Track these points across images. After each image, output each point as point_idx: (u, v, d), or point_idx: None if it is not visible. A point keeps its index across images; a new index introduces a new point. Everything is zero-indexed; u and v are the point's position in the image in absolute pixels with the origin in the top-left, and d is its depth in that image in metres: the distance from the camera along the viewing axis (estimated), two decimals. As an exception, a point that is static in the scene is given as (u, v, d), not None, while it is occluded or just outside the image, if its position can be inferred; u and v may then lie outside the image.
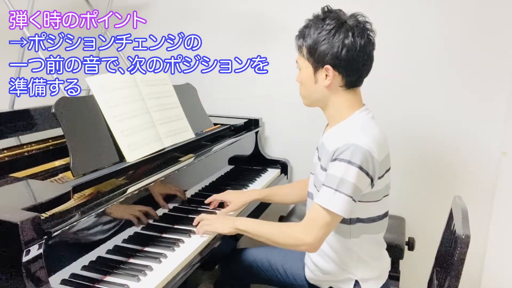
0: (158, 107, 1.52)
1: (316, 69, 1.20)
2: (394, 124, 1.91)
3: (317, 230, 1.13)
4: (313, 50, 1.17)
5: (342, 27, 1.15)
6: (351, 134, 1.15)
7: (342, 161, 1.11)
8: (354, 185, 1.10)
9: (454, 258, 1.10)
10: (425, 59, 1.84)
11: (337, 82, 1.19)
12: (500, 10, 1.71)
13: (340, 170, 1.11)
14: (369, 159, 1.11)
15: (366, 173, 1.12)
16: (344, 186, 1.10)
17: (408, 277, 1.81)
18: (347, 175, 1.10)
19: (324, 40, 1.15)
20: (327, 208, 1.11)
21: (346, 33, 1.14)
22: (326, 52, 1.15)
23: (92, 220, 1.06)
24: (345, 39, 1.14)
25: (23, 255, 0.83)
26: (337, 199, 1.11)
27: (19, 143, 1.35)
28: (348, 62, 1.16)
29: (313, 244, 1.14)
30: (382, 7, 1.85)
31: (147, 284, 1.06)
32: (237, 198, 1.50)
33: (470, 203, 1.32)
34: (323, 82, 1.19)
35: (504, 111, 1.77)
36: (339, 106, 1.23)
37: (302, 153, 2.03)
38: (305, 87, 1.25)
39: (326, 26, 1.15)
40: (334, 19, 1.16)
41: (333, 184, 1.11)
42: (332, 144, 1.17)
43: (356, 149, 1.10)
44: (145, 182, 1.28)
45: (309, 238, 1.13)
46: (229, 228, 1.27)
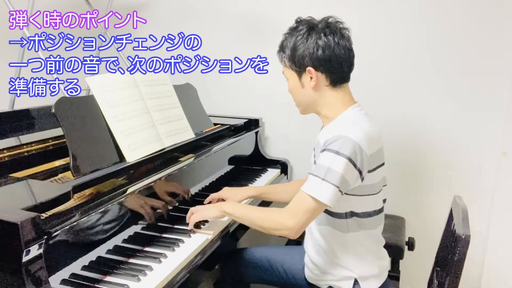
0: (158, 107, 1.52)
1: (300, 74, 1.24)
2: (394, 124, 1.91)
3: (300, 215, 1.14)
4: (293, 57, 1.23)
5: (313, 30, 1.20)
6: (342, 128, 1.16)
7: (331, 151, 1.12)
8: (342, 175, 1.11)
9: (454, 258, 1.10)
10: (424, 59, 1.84)
11: (322, 82, 1.22)
12: (500, 9, 1.71)
13: (328, 159, 1.12)
14: (358, 151, 1.12)
15: (354, 165, 1.12)
16: (331, 175, 1.11)
17: (408, 277, 1.81)
18: (335, 165, 1.11)
19: (300, 44, 1.21)
20: (313, 196, 1.12)
21: (318, 34, 1.20)
22: (304, 55, 1.21)
23: (92, 220, 1.06)
24: (318, 40, 1.19)
25: (23, 255, 0.83)
26: (324, 188, 1.11)
27: (19, 143, 1.35)
28: (326, 61, 1.20)
29: (293, 228, 1.14)
30: (378, 7, 1.85)
31: (147, 284, 1.06)
32: (234, 194, 1.50)
33: (470, 203, 1.32)
34: (309, 84, 1.23)
35: (504, 111, 1.77)
36: (330, 105, 1.25)
37: (302, 153, 2.03)
38: (295, 94, 1.29)
39: (299, 32, 1.22)
40: (305, 24, 1.23)
41: (320, 173, 1.12)
42: (324, 138, 1.19)
43: (346, 140, 1.12)
44: (145, 182, 1.28)
45: (291, 222, 1.14)
46: (216, 212, 1.30)
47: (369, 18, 1.86)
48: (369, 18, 1.86)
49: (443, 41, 1.80)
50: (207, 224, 1.39)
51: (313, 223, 1.29)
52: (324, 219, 1.27)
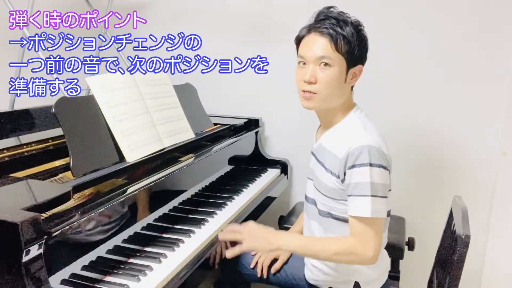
0: (158, 107, 1.52)
1: (349, 68, 1.16)
2: (394, 124, 1.91)
3: (374, 242, 1.11)
4: (353, 47, 1.14)
5: (363, 29, 1.18)
6: (357, 136, 1.14)
7: (363, 165, 1.10)
8: (383, 185, 1.11)
9: (454, 258, 1.10)
10: (424, 59, 1.84)
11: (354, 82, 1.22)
12: (500, 9, 1.71)
13: (365, 175, 1.09)
14: (383, 156, 1.12)
15: (387, 169, 1.13)
16: (377, 189, 1.10)
17: (408, 277, 1.81)
18: (374, 178, 1.09)
19: (361, 39, 1.15)
20: (373, 217, 1.10)
21: (365, 37, 1.18)
22: (363, 52, 1.17)
23: (92, 220, 1.06)
24: (367, 42, 1.18)
25: (23, 255, 0.83)
26: (377, 204, 1.10)
27: (19, 143, 1.35)
28: (365, 63, 1.20)
29: (375, 256, 1.12)
30: (380, 6, 1.85)
31: (147, 284, 1.06)
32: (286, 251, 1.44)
33: (470, 203, 1.32)
34: (350, 81, 1.19)
35: (504, 111, 1.77)
36: (344, 106, 1.22)
37: (302, 153, 2.03)
38: (331, 85, 1.15)
39: (359, 27, 1.16)
40: (356, 21, 1.17)
41: (366, 191, 1.10)
42: (338, 148, 1.16)
43: (371, 149, 1.10)
44: (145, 182, 1.28)
45: (370, 252, 1.10)
46: (273, 252, 1.27)
47: (369, 18, 1.86)
48: (368, 18, 1.86)
49: (443, 41, 1.80)
50: (207, 224, 1.39)
51: (316, 226, 1.28)
52: (336, 225, 1.22)
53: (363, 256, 1.11)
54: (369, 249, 1.11)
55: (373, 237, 1.11)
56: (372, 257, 1.11)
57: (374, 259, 1.12)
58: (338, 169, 1.16)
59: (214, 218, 1.45)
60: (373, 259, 1.12)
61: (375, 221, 1.11)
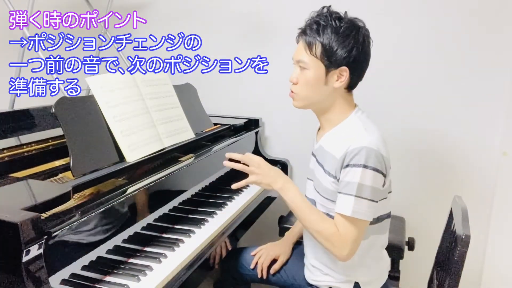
0: (158, 107, 1.52)
1: (328, 70, 1.17)
2: (393, 124, 1.91)
3: (351, 241, 1.12)
4: (330, 50, 1.15)
5: (357, 29, 1.16)
6: (358, 137, 1.14)
7: (357, 166, 1.10)
8: (373, 187, 1.11)
9: (454, 258, 1.10)
10: (424, 59, 1.84)
11: (344, 84, 1.19)
12: (500, 9, 1.71)
13: (356, 175, 1.10)
14: (381, 159, 1.12)
15: (381, 173, 1.12)
16: (364, 191, 1.10)
17: (408, 277, 1.81)
18: (365, 180, 1.10)
19: (342, 40, 1.14)
20: (354, 217, 1.11)
21: (361, 35, 1.16)
22: (343, 53, 1.14)
23: (92, 220, 1.06)
24: (359, 41, 1.15)
25: (23, 255, 0.83)
26: (360, 205, 1.10)
27: (19, 143, 1.35)
28: (359, 63, 1.18)
29: (349, 255, 1.14)
30: (380, 6, 1.85)
31: (147, 284, 1.06)
32: (285, 252, 1.48)
33: (470, 203, 1.32)
34: (333, 83, 1.18)
35: (504, 111, 1.77)
36: (340, 108, 1.23)
37: (302, 153, 2.02)
38: (310, 87, 1.20)
39: (344, 29, 1.14)
40: (349, 22, 1.16)
41: (352, 191, 1.10)
42: (337, 149, 1.17)
43: (368, 151, 1.10)
44: (145, 182, 1.28)
45: (345, 250, 1.13)
46: (275, 188, 1.22)
47: (369, 19, 1.86)
48: (368, 18, 1.86)
49: (443, 41, 1.80)
50: (207, 224, 1.39)
51: None
52: None
53: (338, 250, 1.14)
54: (345, 247, 1.13)
55: (352, 237, 1.12)
56: (346, 255, 1.13)
57: (347, 257, 1.14)
58: (335, 168, 1.17)
59: (214, 218, 1.45)
60: (346, 257, 1.14)
61: (355, 221, 1.12)
